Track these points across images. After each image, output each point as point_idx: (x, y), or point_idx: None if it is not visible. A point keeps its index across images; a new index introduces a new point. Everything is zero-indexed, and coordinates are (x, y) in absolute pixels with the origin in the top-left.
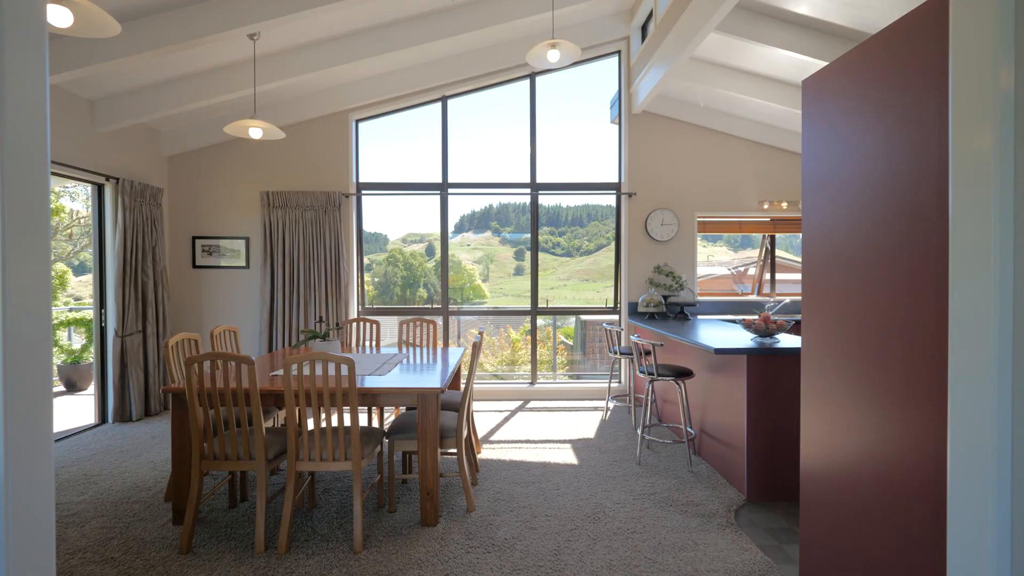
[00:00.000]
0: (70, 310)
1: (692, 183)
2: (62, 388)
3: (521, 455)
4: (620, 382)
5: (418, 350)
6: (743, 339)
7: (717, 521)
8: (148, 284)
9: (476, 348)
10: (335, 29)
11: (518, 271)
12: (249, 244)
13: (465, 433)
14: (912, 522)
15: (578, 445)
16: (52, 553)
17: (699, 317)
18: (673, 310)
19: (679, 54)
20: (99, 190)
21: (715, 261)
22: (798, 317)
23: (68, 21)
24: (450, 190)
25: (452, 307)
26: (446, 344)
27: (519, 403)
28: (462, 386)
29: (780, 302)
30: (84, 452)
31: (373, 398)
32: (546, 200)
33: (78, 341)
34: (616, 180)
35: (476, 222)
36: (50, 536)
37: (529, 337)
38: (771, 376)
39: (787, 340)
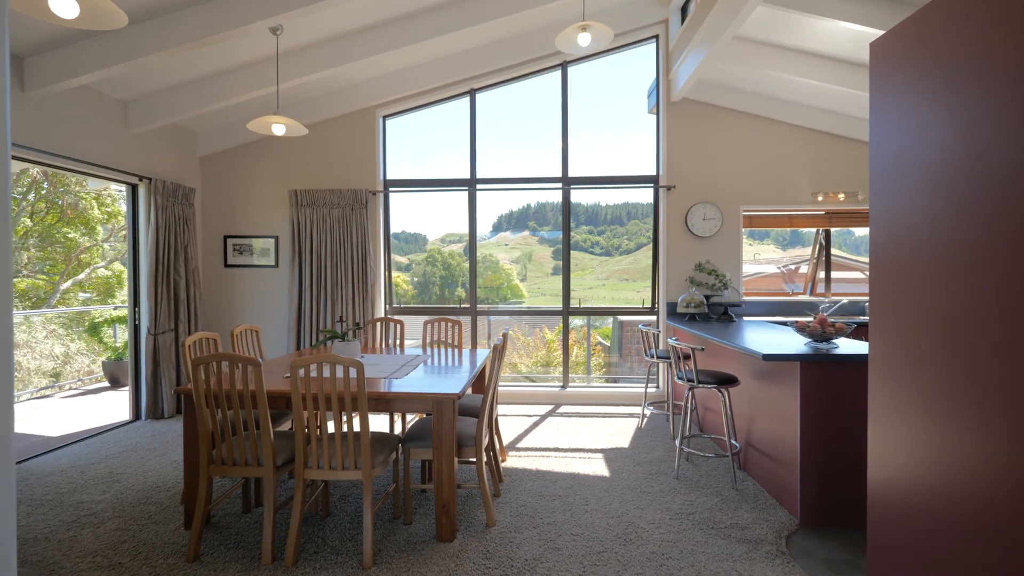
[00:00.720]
0: (115, 308)
1: (737, 174)
2: (106, 384)
3: (548, 464)
4: (658, 387)
5: (442, 352)
6: (795, 344)
7: (765, 549)
8: (180, 283)
9: (497, 351)
10: (359, 21)
11: (556, 271)
12: (278, 243)
13: (486, 441)
14: (1018, 564)
15: (610, 455)
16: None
17: (745, 319)
18: (716, 311)
19: (723, 32)
20: (133, 190)
21: (763, 259)
22: (859, 319)
23: (74, 12)
24: (478, 186)
25: (482, 307)
26: (474, 345)
27: (550, 407)
28: (495, 386)
29: (836, 302)
30: (114, 449)
31: (387, 403)
32: (584, 198)
33: (124, 338)
34: (654, 173)
35: (514, 221)
36: (10, 548)
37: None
38: (829, 385)
39: (847, 345)
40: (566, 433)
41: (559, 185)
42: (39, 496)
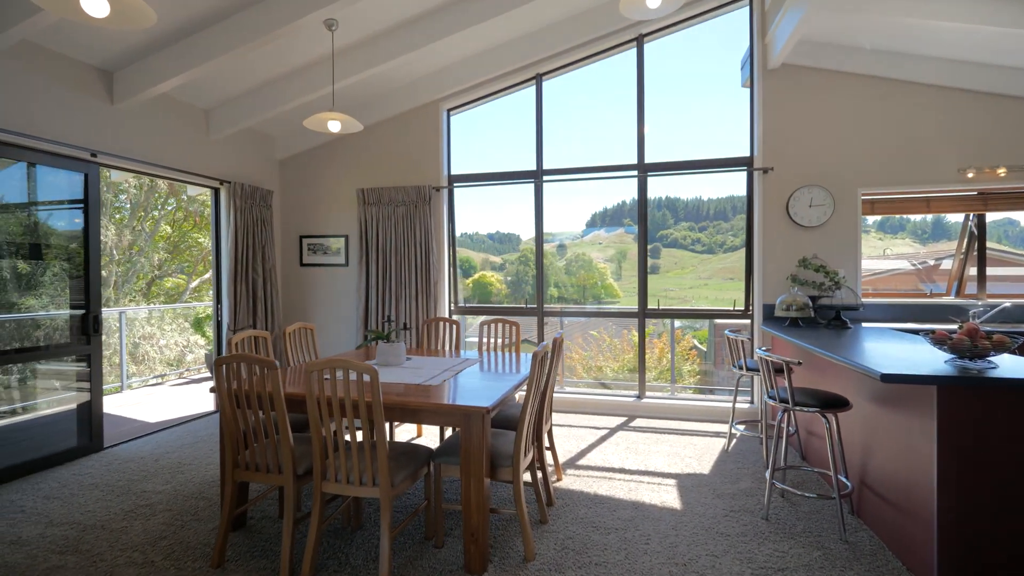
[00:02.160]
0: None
1: (851, 151)
2: (208, 374)
3: (610, 488)
4: (752, 403)
5: (496, 356)
6: (931, 360)
7: None
8: (258, 281)
9: (538, 360)
10: (414, 9)
11: (652, 269)
12: (348, 242)
13: (528, 460)
14: None
15: (685, 483)
16: None
17: (863, 325)
18: (826, 315)
19: None
20: (215, 193)
21: (892, 254)
22: None
23: (105, 11)
24: (544, 178)
25: (552, 307)
26: None
27: (622, 420)
28: (547, 397)
29: (994, 306)
30: (188, 439)
31: (412, 414)
32: (684, 192)
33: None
34: (747, 154)
35: (609, 219)
36: None
37: (656, 341)
38: (980, 417)
39: (1011, 364)
40: (636, 451)
41: (634, 173)
42: (113, 482)
